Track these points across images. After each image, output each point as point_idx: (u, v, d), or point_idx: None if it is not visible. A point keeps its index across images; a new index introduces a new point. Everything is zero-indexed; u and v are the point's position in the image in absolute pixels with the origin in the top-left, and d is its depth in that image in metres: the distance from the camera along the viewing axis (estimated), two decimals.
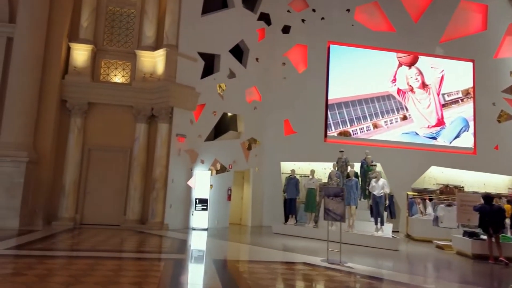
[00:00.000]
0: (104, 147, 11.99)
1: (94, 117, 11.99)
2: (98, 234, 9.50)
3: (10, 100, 10.54)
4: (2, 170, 10.12)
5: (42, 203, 10.93)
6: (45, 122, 11.19)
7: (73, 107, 11.61)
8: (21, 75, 10.62)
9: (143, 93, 11.95)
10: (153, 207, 11.37)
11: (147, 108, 11.94)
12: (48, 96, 11.27)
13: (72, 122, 11.62)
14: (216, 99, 13.04)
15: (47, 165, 11.11)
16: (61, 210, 11.25)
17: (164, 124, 11.76)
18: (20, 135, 10.52)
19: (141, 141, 11.88)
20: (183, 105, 11.98)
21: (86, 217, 11.68)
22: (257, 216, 14.12)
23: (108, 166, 11.99)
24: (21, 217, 10.09)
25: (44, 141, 11.15)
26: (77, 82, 11.65)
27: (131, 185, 11.69)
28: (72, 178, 11.40)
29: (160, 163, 11.57)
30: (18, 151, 10.28)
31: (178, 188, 11.83)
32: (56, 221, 11.11)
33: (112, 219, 11.74)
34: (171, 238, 9.81)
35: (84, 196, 11.74)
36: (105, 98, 11.91)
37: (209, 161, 12.71)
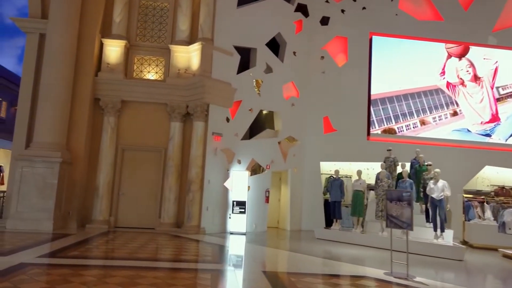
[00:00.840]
0: (137, 147, 11.50)
1: (127, 115, 11.52)
2: (134, 239, 8.96)
3: (43, 99, 10.18)
4: (35, 171, 9.77)
5: (75, 205, 10.54)
6: (78, 121, 10.79)
7: (106, 105, 11.17)
8: (54, 73, 10.24)
9: (177, 89, 11.37)
10: (189, 209, 10.75)
11: (182, 106, 11.36)
12: (81, 94, 10.87)
13: (106, 121, 11.18)
14: (253, 96, 12.32)
15: (81, 166, 10.71)
16: (95, 212, 10.82)
17: (200, 122, 11.13)
18: (53, 135, 10.15)
19: (176, 140, 11.30)
20: (219, 102, 11.31)
21: (120, 220, 11.22)
22: (296, 220, 13.29)
23: (142, 166, 11.49)
24: (54, 219, 9.69)
25: (77, 141, 10.76)
26: (110, 79, 11.20)
27: (166, 187, 11.13)
28: (106, 179, 10.95)
29: (195, 163, 10.94)
30: (51, 151, 9.90)
31: (214, 190, 11.18)
32: (90, 224, 10.69)
33: (146, 222, 11.23)
34: (210, 244, 9.14)
35: (118, 198, 11.28)
36: (138, 96, 11.41)
37: (246, 161, 11.99)
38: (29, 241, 7.76)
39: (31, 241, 7.77)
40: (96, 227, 10.58)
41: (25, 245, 7.35)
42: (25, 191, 9.64)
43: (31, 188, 9.69)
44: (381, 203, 10.08)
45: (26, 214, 9.55)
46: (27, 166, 9.76)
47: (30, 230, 9.30)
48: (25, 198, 9.63)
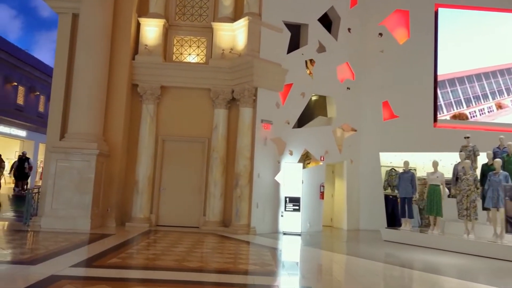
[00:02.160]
0: (178, 137, 10.42)
1: (167, 103, 10.44)
2: (179, 241, 7.86)
3: (77, 86, 9.26)
4: (70, 164, 8.88)
5: (114, 201, 9.61)
6: (115, 109, 9.82)
7: (144, 92, 10.13)
8: (89, 57, 9.28)
9: (221, 72, 10.15)
10: (238, 207, 9.55)
11: (227, 90, 10.14)
12: (118, 79, 9.88)
13: (144, 109, 10.16)
14: (304, 78, 10.90)
15: (119, 158, 9.75)
16: (134, 209, 9.86)
17: (247, 108, 9.87)
18: (89, 125, 9.22)
19: (221, 129, 10.12)
20: (269, 85, 9.99)
21: (162, 217, 10.21)
22: (353, 218, 11.81)
23: (183, 158, 10.41)
24: (92, 217, 8.79)
25: (114, 131, 9.80)
26: (149, 63, 10.14)
27: (211, 181, 9.99)
28: (146, 173, 9.95)
29: (243, 155, 9.71)
30: (87, 143, 8.98)
31: (264, 185, 9.91)
32: (129, 222, 9.74)
33: (190, 220, 10.16)
34: (266, 247, 7.89)
35: (159, 193, 10.27)
36: (179, 81, 10.30)
37: (298, 152, 10.63)
38: (64, 244, 6.82)
39: (66, 244, 6.83)
40: (136, 225, 9.62)
41: (59, 249, 6.39)
42: (60, 187, 8.78)
43: (67, 183, 8.82)
44: (466, 200, 8.45)
45: (61, 212, 8.70)
46: (62, 159, 8.89)
47: (66, 229, 8.43)
48: (61, 194, 8.77)
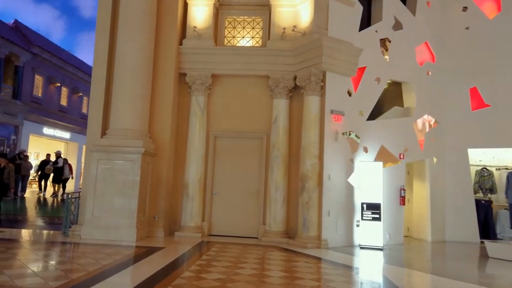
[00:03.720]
0: (232, 133, 9.02)
1: (218, 93, 9.07)
2: (243, 258, 6.41)
3: (119, 76, 8.08)
4: (113, 165, 7.71)
5: (162, 208, 8.34)
6: (161, 102, 8.58)
7: (194, 82, 8.81)
8: (131, 42, 8.08)
9: (281, 56, 8.64)
10: (305, 215, 7.97)
11: (288, 77, 8.61)
12: (164, 68, 8.63)
13: (193, 101, 8.84)
14: (379, 61, 9.14)
15: (166, 158, 8.48)
16: (184, 216, 8.55)
17: (314, 97, 8.27)
18: (133, 120, 8.00)
19: (281, 123, 8.60)
20: (340, 68, 8.34)
21: (215, 226, 8.84)
22: (438, 227, 9.86)
23: (238, 158, 9.00)
24: (138, 226, 7.55)
25: (161, 127, 8.55)
26: (199, 48, 8.81)
27: (271, 184, 8.49)
28: (197, 175, 8.62)
29: (310, 153, 8.12)
30: (131, 140, 7.77)
31: (336, 188, 8.26)
32: (179, 232, 8.45)
33: (247, 230, 8.72)
34: (348, 267, 6.26)
35: (211, 198, 8.91)
36: (232, 68, 8.90)
37: (374, 149, 8.89)
38: (108, 262, 5.56)
39: (109, 262, 5.56)
40: (187, 235, 8.31)
41: (103, 269, 5.12)
42: (101, 191, 7.63)
43: (109, 186, 7.65)
44: None
45: (103, 220, 7.53)
46: (103, 159, 7.74)
47: (108, 240, 7.25)
48: (102, 199, 7.61)
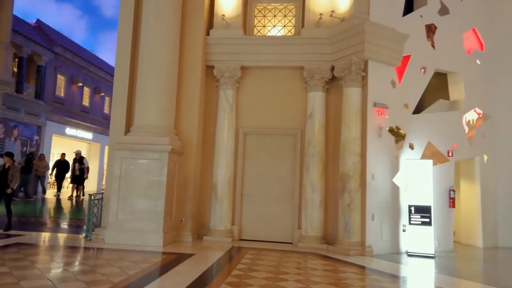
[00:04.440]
0: (263, 130, 8.35)
1: (248, 87, 8.43)
2: (282, 267, 5.73)
3: (143, 69, 7.53)
4: (138, 164, 7.16)
5: (189, 210, 7.75)
6: (188, 97, 7.99)
7: (222, 75, 8.20)
8: (156, 33, 7.52)
9: (318, 45, 7.92)
10: (347, 218, 7.21)
11: (325, 67, 7.88)
12: (190, 60, 8.05)
13: (222, 96, 8.22)
14: (425, 49, 8.30)
15: (193, 157, 7.88)
16: (213, 220, 7.93)
17: (354, 89, 7.51)
18: (159, 116, 7.44)
19: (317, 118, 7.88)
20: (383, 56, 7.56)
21: (246, 230, 8.19)
22: (490, 232, 8.91)
23: (270, 156, 8.33)
24: (165, 231, 6.97)
25: (187, 123, 7.96)
26: (227, 38, 8.19)
27: (307, 184, 7.77)
28: (226, 175, 7.99)
29: (351, 150, 7.36)
30: (157, 137, 7.21)
31: (380, 189, 7.47)
32: (207, 236, 7.84)
33: (281, 234, 8.04)
34: (399, 278, 5.52)
35: (242, 200, 8.26)
36: (263, 59, 8.24)
37: (420, 146, 8.05)
38: (131, 272, 4.98)
39: (134, 272, 4.98)
40: (216, 240, 7.69)
41: (124, 283, 4.51)
42: (126, 192, 7.09)
43: (133, 187, 7.11)
44: None
45: (128, 224, 6.99)
46: (127, 158, 7.20)
47: (134, 245, 6.70)
48: (127, 201, 7.07)
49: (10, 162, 8.03)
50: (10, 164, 8.00)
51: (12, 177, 7.82)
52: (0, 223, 7.82)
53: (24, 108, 15.73)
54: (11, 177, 7.83)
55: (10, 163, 8.02)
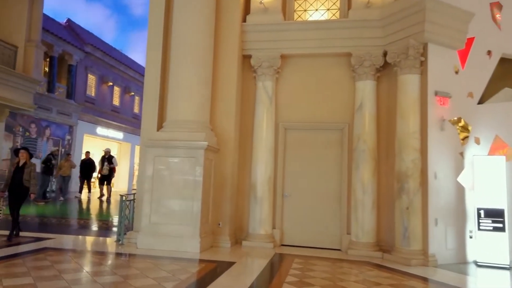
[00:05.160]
0: (305, 124, 7.59)
1: (289, 77, 7.70)
2: (336, 279, 4.98)
3: (176, 60, 6.94)
4: (171, 162, 6.58)
5: (227, 212, 7.11)
6: (223, 89, 7.36)
7: (260, 64, 7.50)
8: (189, 20, 6.92)
9: (367, 28, 7.08)
10: (405, 223, 6.34)
11: (376, 53, 7.03)
12: (226, 49, 7.40)
13: (260, 88, 7.52)
14: (489, 30, 7.27)
15: (230, 155, 7.24)
16: (252, 223, 7.25)
17: (412, 76, 6.61)
18: (193, 110, 6.82)
19: (367, 110, 7.02)
20: (445, 39, 6.62)
21: (288, 234, 7.45)
22: None
23: (313, 153, 7.55)
24: (201, 235, 6.35)
25: (223, 118, 7.33)
26: (266, 25, 7.48)
27: (357, 184, 6.94)
28: (266, 174, 7.29)
29: (409, 145, 6.47)
30: (192, 133, 6.59)
31: (443, 190, 6.53)
32: (246, 240, 7.16)
33: (327, 240, 7.25)
34: None
35: (282, 201, 7.54)
36: (305, 46, 7.47)
37: (487, 140, 7.04)
38: (169, 285, 4.36)
39: (171, 285, 4.35)
40: (256, 245, 7.00)
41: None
42: (159, 193, 6.52)
43: (167, 188, 6.53)
44: None
45: (163, 228, 6.41)
46: (160, 156, 6.63)
47: (169, 251, 6.12)
48: (161, 203, 6.50)
49: (25, 157, 6.89)
50: (27, 160, 6.89)
51: (29, 176, 6.77)
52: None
53: (55, 107, 15.68)
54: (28, 176, 6.77)
55: (26, 158, 6.88)
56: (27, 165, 6.88)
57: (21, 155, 6.93)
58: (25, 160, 6.91)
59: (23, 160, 6.89)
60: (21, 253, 5.63)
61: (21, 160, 6.89)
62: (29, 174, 6.81)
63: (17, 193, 6.79)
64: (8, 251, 5.74)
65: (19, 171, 6.81)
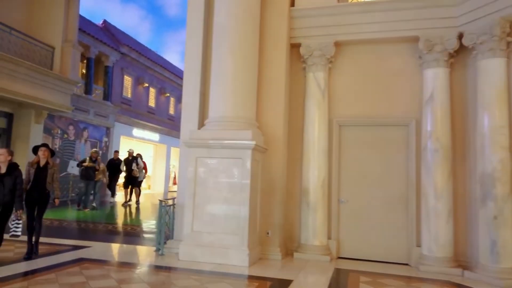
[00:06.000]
0: (364, 120, 6.68)
1: (343, 67, 6.82)
2: None
3: (219, 49, 6.25)
4: (215, 163, 5.88)
5: (276, 220, 6.32)
6: (270, 82, 6.59)
7: (311, 54, 6.67)
8: (231, 7, 6.20)
9: (438, 7, 6.07)
10: (492, 236, 5.29)
11: (449, 36, 6.01)
12: (272, 37, 6.64)
13: (310, 80, 6.69)
14: None
15: (279, 155, 6.45)
16: (305, 232, 6.42)
17: (496, 61, 5.55)
18: (238, 106, 6.10)
19: (439, 103, 5.99)
20: None
21: (346, 245, 6.56)
22: None
23: (374, 153, 6.62)
24: (250, 245, 5.60)
25: (271, 114, 6.56)
26: (317, 8, 6.64)
27: (428, 189, 5.93)
28: (319, 177, 6.44)
29: (496, 143, 5.42)
30: (237, 131, 5.87)
31: None
32: (298, 252, 6.34)
33: (393, 253, 6.29)
34: None
35: (338, 208, 6.66)
36: (362, 30, 6.54)
37: None
38: None
39: None
40: (310, 257, 6.17)
41: None
42: (202, 198, 5.84)
43: (211, 192, 5.84)
44: None
45: (206, 237, 5.72)
46: (203, 157, 5.95)
47: (213, 265, 5.42)
48: (203, 209, 5.82)
49: (47, 155, 5.70)
50: (48, 160, 5.70)
51: (52, 179, 5.67)
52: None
53: (93, 109, 15.55)
54: (51, 179, 5.65)
55: (48, 159, 5.71)
56: (49, 165, 5.70)
57: (42, 153, 5.66)
58: (46, 159, 5.71)
59: (44, 160, 5.68)
60: (55, 266, 5.10)
61: (41, 160, 5.67)
62: (52, 176, 5.66)
63: (38, 200, 5.55)
64: (42, 262, 5.24)
65: (41, 173, 5.60)
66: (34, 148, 5.80)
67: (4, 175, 5.15)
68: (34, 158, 5.72)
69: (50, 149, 5.85)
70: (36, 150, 5.74)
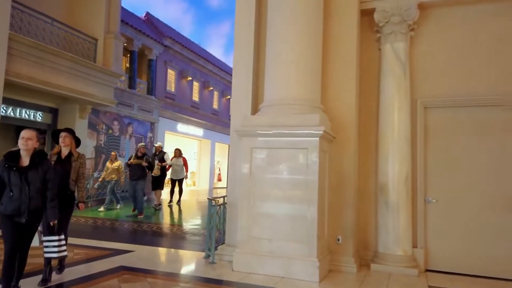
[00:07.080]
0: (456, 100, 5.34)
1: (429, 36, 5.52)
2: None
3: (274, 20, 5.20)
4: (275, 156, 4.85)
5: (348, 224, 5.18)
6: (337, 57, 5.43)
7: (387, 20, 5.43)
8: None
9: None
10: None
11: None
12: (337, 5, 5.47)
13: (388, 53, 5.45)
14: None
15: (350, 144, 5.29)
16: (384, 239, 5.23)
17: None
18: (300, 87, 5.01)
19: None
20: None
21: (436, 256, 5.28)
22: None
23: (471, 141, 5.28)
24: (319, 254, 4.52)
25: (339, 95, 5.40)
26: None
27: None
28: (401, 172, 5.20)
29: None
30: (301, 115, 4.79)
31: None
32: (376, 263, 5.16)
33: (502, 266, 4.94)
34: None
35: (425, 209, 5.39)
36: None
37: None
38: None
39: None
40: (392, 270, 4.97)
41: None
42: (259, 198, 4.84)
43: (269, 190, 4.82)
44: None
45: (266, 244, 4.72)
46: (259, 148, 4.94)
47: (274, 278, 4.41)
48: (263, 210, 4.81)
49: (70, 142, 4.18)
50: (72, 149, 4.20)
51: (77, 174, 4.16)
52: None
53: (137, 104, 15.15)
54: (75, 175, 4.13)
55: (72, 148, 4.20)
56: (73, 157, 4.13)
57: (62, 139, 4.13)
58: (70, 148, 4.18)
59: (66, 149, 4.16)
60: (89, 277, 4.33)
61: (63, 149, 4.16)
62: (77, 172, 4.12)
63: (59, 204, 3.75)
64: (76, 272, 4.50)
65: (62, 167, 4.07)
66: (54, 133, 4.39)
67: (27, 169, 3.48)
68: (55, 147, 4.31)
69: (74, 136, 4.32)
70: (57, 137, 4.25)
